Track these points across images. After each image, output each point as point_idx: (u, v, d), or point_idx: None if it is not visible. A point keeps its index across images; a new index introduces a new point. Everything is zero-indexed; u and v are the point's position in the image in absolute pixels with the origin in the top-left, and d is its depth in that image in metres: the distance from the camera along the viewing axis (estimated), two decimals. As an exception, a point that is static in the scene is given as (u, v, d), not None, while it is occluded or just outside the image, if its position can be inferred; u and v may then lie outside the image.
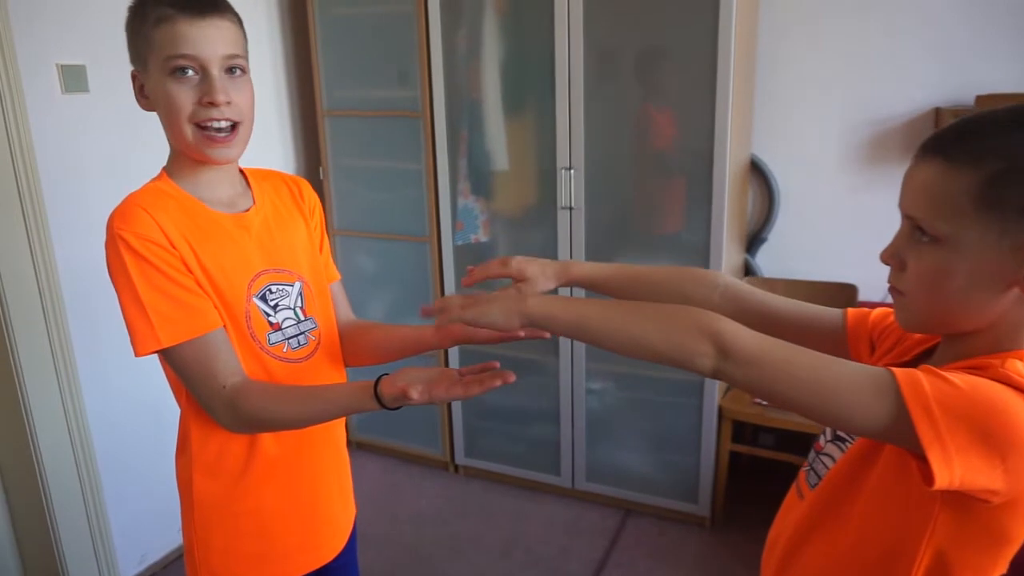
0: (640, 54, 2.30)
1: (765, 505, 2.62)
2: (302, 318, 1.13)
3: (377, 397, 0.94)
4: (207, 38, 0.97)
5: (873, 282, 2.59)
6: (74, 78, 2.06)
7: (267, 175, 1.19)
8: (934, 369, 0.69)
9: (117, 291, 0.97)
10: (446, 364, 2.83)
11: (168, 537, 2.46)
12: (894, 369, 0.69)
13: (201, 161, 1.04)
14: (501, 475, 2.85)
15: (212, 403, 1.00)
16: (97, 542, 2.25)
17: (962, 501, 0.70)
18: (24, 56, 1.92)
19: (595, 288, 1.07)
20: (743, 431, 2.58)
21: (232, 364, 1.01)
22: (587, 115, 2.31)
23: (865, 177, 2.55)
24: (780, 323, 0.94)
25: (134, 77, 1.01)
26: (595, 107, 2.31)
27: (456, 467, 2.94)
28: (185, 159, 1.04)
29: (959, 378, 0.68)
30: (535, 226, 2.55)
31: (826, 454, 0.89)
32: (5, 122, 1.90)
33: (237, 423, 1.02)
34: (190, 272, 0.99)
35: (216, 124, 1.00)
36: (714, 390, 2.40)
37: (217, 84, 0.98)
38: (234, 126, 1.02)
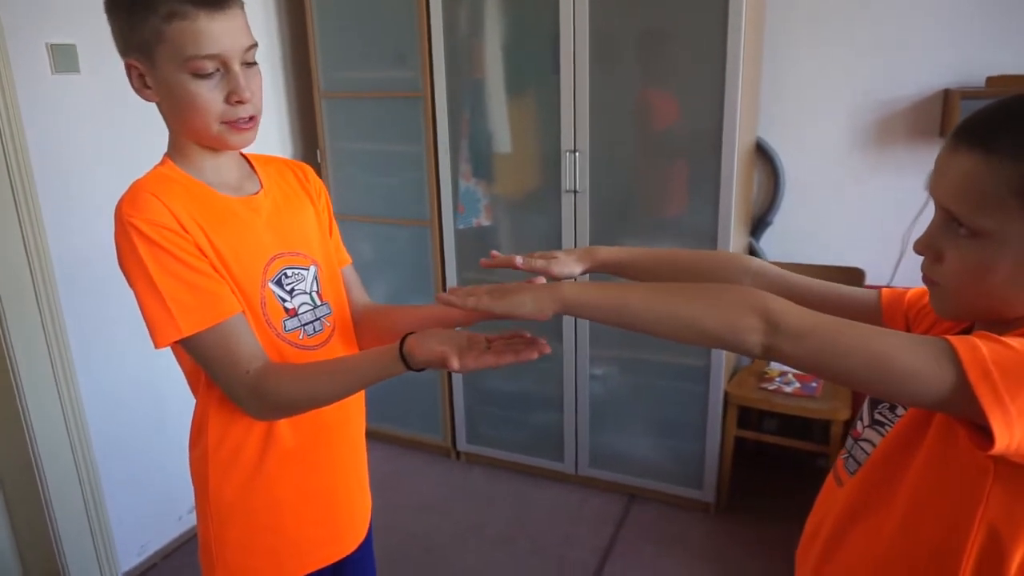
0: (647, 33, 2.25)
1: (769, 491, 2.66)
2: (318, 303, 1.10)
3: (403, 359, 0.91)
4: (227, 33, 0.93)
5: (880, 266, 2.57)
6: (64, 58, 2.00)
7: (270, 160, 1.15)
8: (989, 334, 0.67)
9: (131, 281, 0.93)
10: (450, 407, 2.82)
11: (168, 527, 2.43)
12: (948, 336, 0.67)
13: (217, 148, 1.01)
14: (503, 461, 2.83)
15: (237, 390, 0.97)
16: (96, 533, 2.21)
17: (1016, 472, 0.69)
18: (12, 35, 1.86)
19: (621, 272, 1.05)
20: (747, 417, 2.57)
21: (254, 348, 0.98)
22: (592, 96, 2.27)
23: (872, 159, 2.52)
24: (814, 305, 0.91)
25: (131, 67, 0.95)
26: (600, 88, 2.26)
27: (458, 453, 2.92)
28: (190, 145, 1.00)
29: (1016, 342, 0.66)
30: (538, 210, 2.50)
31: (865, 440, 0.86)
32: (-6, 104, 1.84)
33: (264, 408, 0.99)
34: (205, 256, 0.96)
35: (244, 119, 0.97)
36: (720, 375, 2.37)
37: (242, 81, 0.95)
38: (253, 117, 0.99)
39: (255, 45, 0.97)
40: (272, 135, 2.82)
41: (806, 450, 2.48)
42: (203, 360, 0.97)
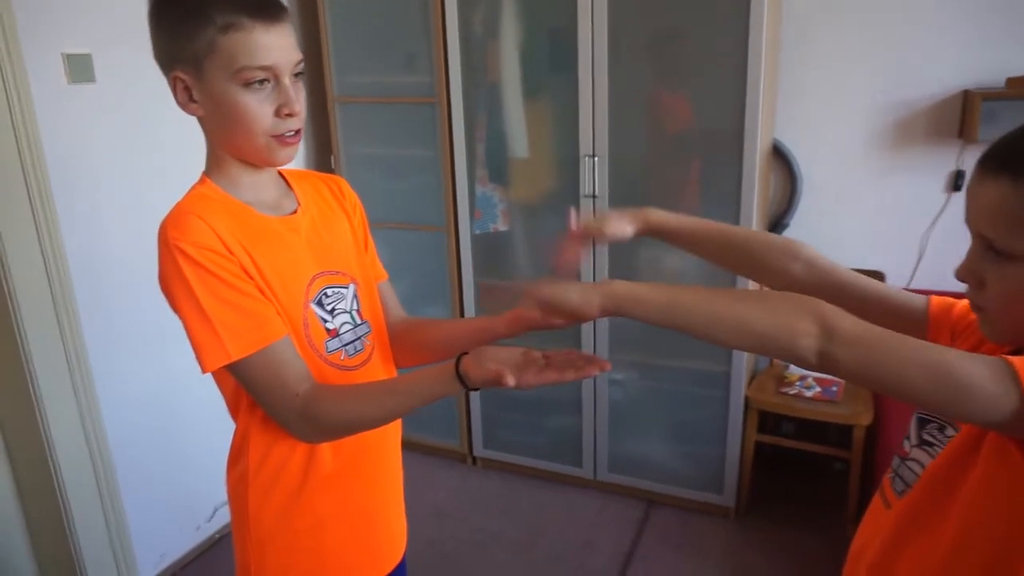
0: (667, 35, 2.23)
1: (787, 495, 2.65)
2: (358, 322, 1.09)
3: (460, 379, 0.90)
4: (280, 46, 0.92)
5: (899, 268, 2.55)
6: (80, 68, 1.98)
7: (304, 175, 1.14)
8: None
9: (176, 305, 0.92)
10: (467, 412, 2.80)
11: (186, 536, 2.42)
12: (1006, 356, 0.67)
13: (259, 165, 1.00)
14: (520, 467, 2.82)
15: (284, 414, 0.96)
16: (115, 541, 2.21)
17: None
18: (28, 45, 1.84)
19: (670, 238, 1.04)
20: (764, 420, 2.55)
21: (301, 371, 0.96)
22: (611, 100, 2.25)
23: (890, 161, 2.50)
24: (862, 304, 0.90)
25: (176, 80, 0.94)
26: (619, 91, 2.24)
27: (474, 459, 2.91)
28: (229, 162, 0.99)
29: None
30: (555, 215, 2.49)
31: (913, 460, 0.85)
32: (11, 115, 1.82)
33: (315, 432, 0.98)
34: (251, 278, 0.94)
35: (290, 133, 0.96)
36: (741, 380, 2.36)
37: (292, 93, 0.94)
38: (298, 131, 0.98)
39: (303, 60, 0.96)
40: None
41: (823, 453, 2.47)
42: (249, 383, 0.95)
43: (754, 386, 2.45)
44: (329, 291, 1.04)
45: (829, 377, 2.47)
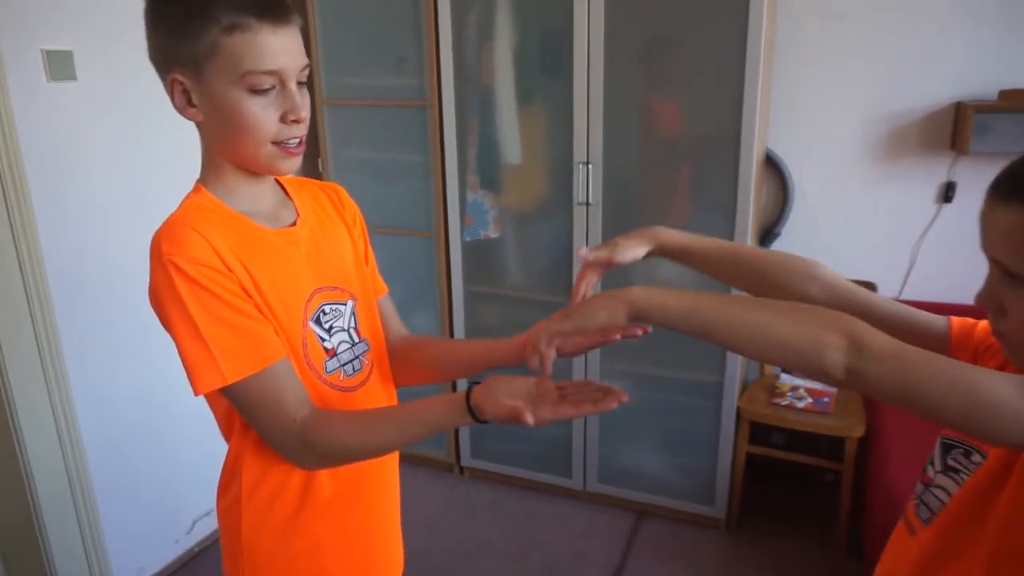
0: (663, 41, 2.21)
1: (778, 505, 2.63)
2: (356, 340, 1.04)
3: (471, 412, 0.86)
4: (288, 50, 0.87)
5: (889, 278, 2.55)
6: (60, 65, 1.91)
7: (302, 183, 1.09)
8: None
9: (169, 323, 0.86)
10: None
11: (165, 549, 2.35)
12: None
13: (259, 173, 0.95)
14: (509, 477, 2.77)
15: (281, 439, 0.91)
16: (91, 555, 2.13)
17: None
18: (7, 41, 1.77)
19: (683, 258, 1.01)
20: (754, 432, 2.53)
21: (300, 394, 0.91)
22: (606, 105, 2.22)
23: (882, 171, 2.50)
24: (882, 323, 0.88)
25: (175, 82, 0.88)
26: (615, 97, 2.22)
27: (461, 469, 2.86)
28: (227, 169, 0.94)
29: None
30: (548, 222, 2.45)
31: (938, 487, 0.83)
32: (-12, 113, 1.75)
33: (312, 459, 0.93)
34: (249, 297, 0.89)
35: (294, 140, 0.91)
36: (733, 390, 2.34)
37: (298, 100, 0.89)
38: (302, 140, 0.93)
39: (309, 65, 0.92)
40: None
41: (815, 465, 2.46)
42: (245, 407, 0.90)
43: (746, 397, 2.44)
44: (327, 308, 0.99)
45: (821, 388, 2.46)
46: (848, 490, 2.31)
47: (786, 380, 2.52)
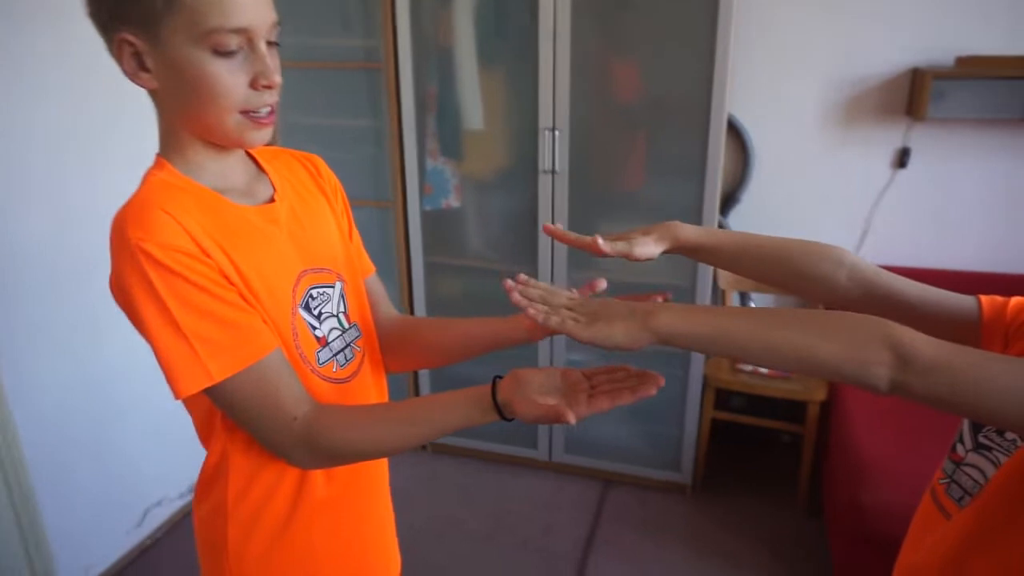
0: (632, 2, 2.13)
1: (739, 468, 2.68)
2: (346, 326, 0.95)
3: (498, 410, 0.79)
4: (257, 4, 0.76)
5: (846, 243, 2.58)
6: None
7: (276, 153, 0.98)
8: None
9: (141, 318, 0.76)
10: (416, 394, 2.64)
11: (115, 542, 2.21)
12: None
13: (229, 147, 0.84)
14: (473, 451, 2.73)
15: (280, 440, 0.82)
16: (32, 553, 1.98)
17: None
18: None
19: (701, 255, 0.95)
20: (716, 397, 2.56)
21: (298, 390, 0.83)
22: (573, 70, 2.14)
23: (840, 137, 2.52)
24: (912, 310, 0.86)
25: (122, 44, 0.76)
26: (582, 61, 2.14)
27: (425, 444, 2.80)
28: (190, 142, 0.82)
29: None
30: (512, 191, 2.38)
31: (970, 465, 0.81)
32: None
33: (317, 459, 0.85)
34: (232, 285, 0.79)
35: (265, 109, 0.80)
36: (700, 358, 2.35)
37: (270, 62, 0.78)
38: (272, 109, 0.82)
39: (280, 23, 0.80)
40: (211, 106, 2.56)
41: (776, 428, 2.51)
42: (235, 407, 0.81)
43: (711, 363, 2.45)
44: (315, 292, 0.90)
45: (782, 353, 2.49)
46: (810, 452, 2.37)
47: (748, 346, 2.55)
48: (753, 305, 2.71)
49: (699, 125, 2.11)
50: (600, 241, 0.91)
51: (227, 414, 0.83)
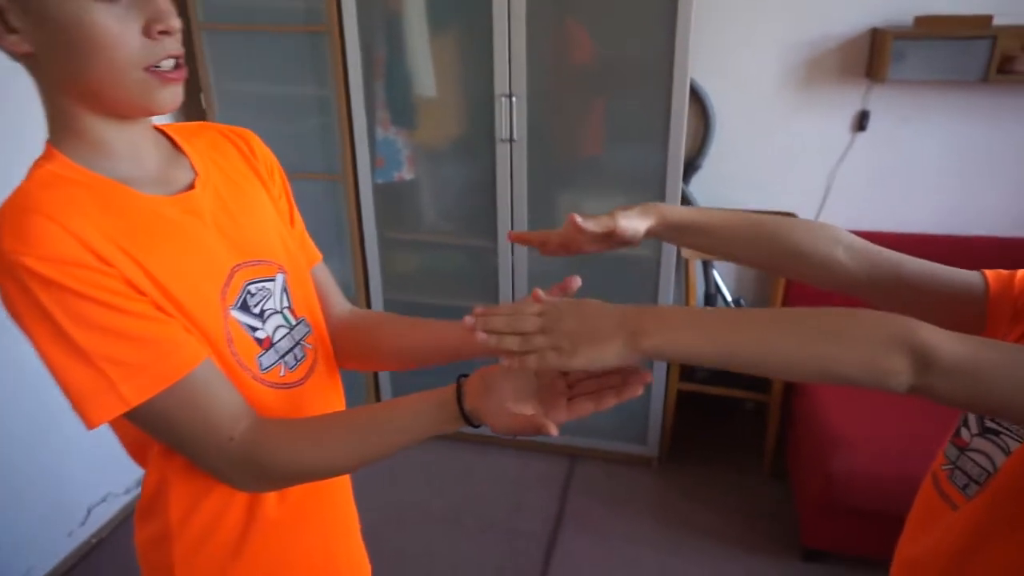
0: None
1: (703, 437, 2.67)
2: (294, 323, 0.85)
3: (466, 418, 0.71)
4: None
5: (806, 207, 2.57)
6: None
7: (197, 130, 0.85)
8: None
9: (36, 343, 0.65)
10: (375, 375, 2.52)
11: (57, 545, 2.08)
12: None
13: (131, 115, 0.71)
14: (435, 430, 2.65)
15: (216, 463, 0.73)
16: (-36, 563, 1.85)
17: None
18: None
19: (689, 237, 0.89)
20: (681, 368, 2.53)
21: (233, 405, 0.73)
22: (529, 33, 2.03)
23: (800, 99, 2.48)
24: (915, 287, 0.81)
25: None
26: (538, 23, 2.03)
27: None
28: (85, 119, 0.70)
29: None
30: (468, 161, 2.27)
31: (976, 451, 0.76)
32: None
33: (262, 483, 0.76)
34: (142, 294, 0.68)
35: (169, 62, 0.68)
36: (665, 330, 2.30)
37: (163, 4, 0.66)
38: (178, 61, 0.70)
39: None
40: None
41: (740, 397, 2.50)
42: (162, 431, 0.71)
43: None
44: (253, 288, 0.79)
45: (746, 321, 2.47)
46: (776, 421, 2.36)
47: (712, 315, 2.52)
48: (717, 274, 2.68)
49: (661, 89, 2.03)
50: (578, 219, 0.83)
51: (155, 438, 0.73)
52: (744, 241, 0.87)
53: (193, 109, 2.44)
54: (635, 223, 0.85)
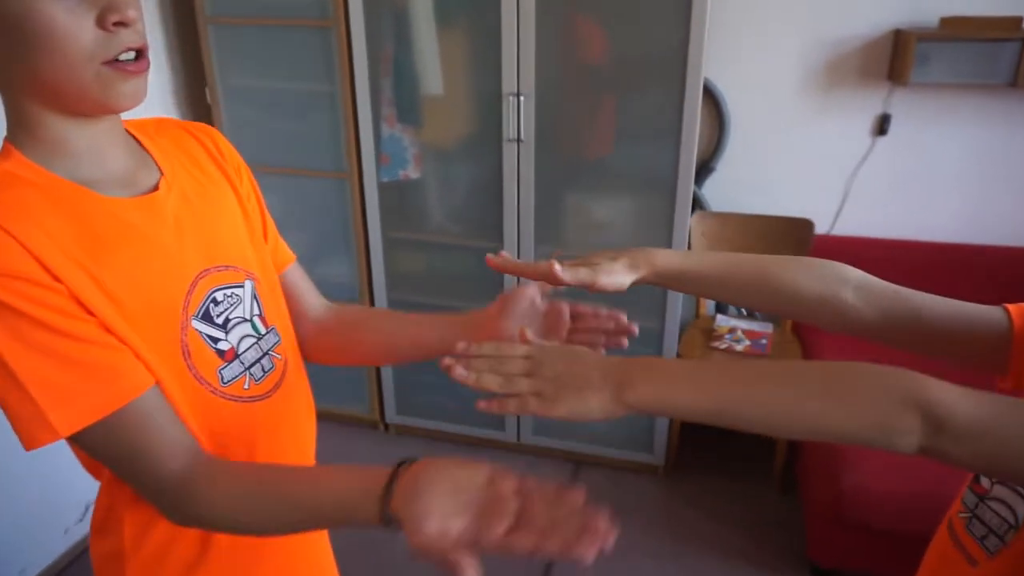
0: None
1: (712, 447, 2.61)
2: (262, 332, 0.80)
3: (385, 517, 0.61)
4: None
5: (823, 213, 2.50)
6: None
7: (161, 127, 0.81)
8: None
9: None
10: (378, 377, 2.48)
11: (52, 543, 2.07)
12: None
13: (92, 113, 0.67)
14: (438, 432, 2.62)
15: (153, 496, 0.69)
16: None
17: None
18: None
19: (683, 284, 0.83)
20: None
21: (176, 440, 0.69)
22: (539, 30, 1.97)
23: (819, 102, 2.41)
24: (935, 328, 0.75)
25: None
26: (548, 20, 1.97)
27: (387, 426, 2.68)
28: (43, 117, 0.66)
29: None
30: (475, 161, 2.22)
31: (996, 499, 0.71)
32: None
33: (187, 522, 0.71)
34: (89, 314, 0.64)
35: (130, 54, 0.64)
36: (674, 338, 2.25)
37: None
38: (140, 52, 0.66)
39: None
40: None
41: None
42: (103, 458, 0.68)
43: (684, 341, 2.35)
44: (219, 295, 0.75)
45: (758, 329, 2.41)
46: (785, 431, 2.30)
47: (723, 322, 2.46)
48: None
49: (674, 89, 1.97)
50: (557, 268, 0.77)
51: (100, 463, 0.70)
52: (740, 286, 0.82)
53: (197, 104, 2.42)
54: (619, 279, 0.79)
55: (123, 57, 0.64)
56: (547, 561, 2.10)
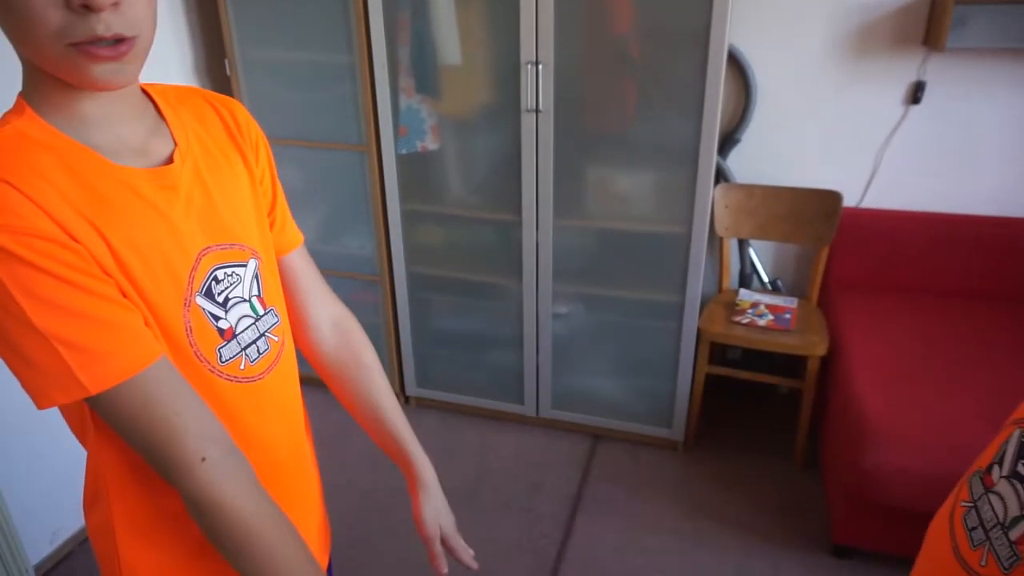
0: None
1: (733, 422, 2.58)
2: (261, 312, 0.80)
3: None
4: None
5: (852, 186, 2.42)
6: None
7: (183, 96, 0.80)
8: None
9: None
10: (397, 349, 2.50)
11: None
12: None
13: (81, 87, 0.65)
14: (457, 405, 2.63)
15: (178, 479, 0.68)
16: (-5, 522, 1.89)
17: None
18: None
19: None
20: (711, 349, 2.43)
21: (205, 420, 0.69)
22: (558, -3, 1.93)
23: (851, 71, 2.32)
24: None
25: None
26: (567, -13, 1.93)
27: (407, 398, 2.69)
28: (48, 80, 0.65)
29: None
30: (494, 131, 2.19)
31: (997, 495, 0.65)
32: None
33: (193, 499, 0.70)
34: (108, 275, 0.64)
35: (104, 42, 0.61)
36: (695, 311, 2.21)
37: None
38: (123, 40, 0.63)
39: None
40: (166, 42, 2.35)
41: (769, 382, 2.39)
42: (123, 428, 0.67)
43: (705, 316, 2.31)
44: (220, 273, 0.75)
45: (782, 304, 2.36)
46: (808, 408, 2.26)
47: (745, 296, 2.41)
48: (753, 253, 2.57)
49: (697, 57, 1.92)
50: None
51: (122, 438, 0.68)
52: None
53: (216, 76, 2.42)
54: None
55: (96, 43, 0.61)
56: (554, 557, 2.11)
